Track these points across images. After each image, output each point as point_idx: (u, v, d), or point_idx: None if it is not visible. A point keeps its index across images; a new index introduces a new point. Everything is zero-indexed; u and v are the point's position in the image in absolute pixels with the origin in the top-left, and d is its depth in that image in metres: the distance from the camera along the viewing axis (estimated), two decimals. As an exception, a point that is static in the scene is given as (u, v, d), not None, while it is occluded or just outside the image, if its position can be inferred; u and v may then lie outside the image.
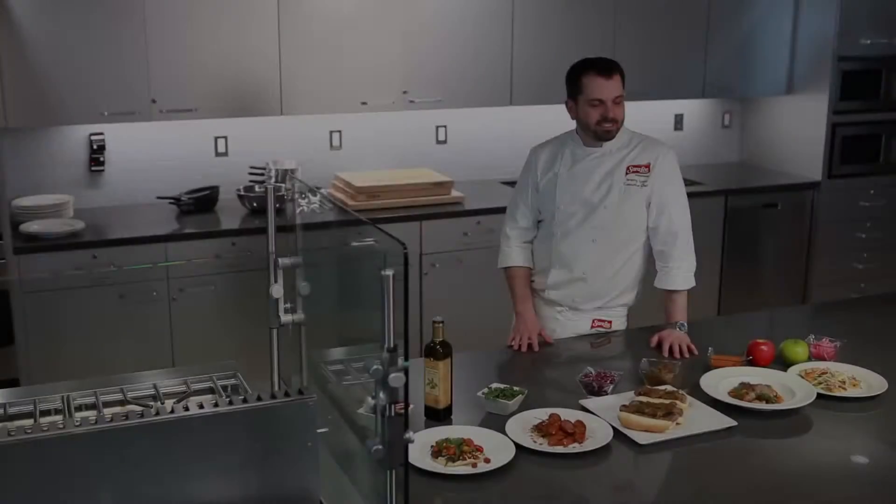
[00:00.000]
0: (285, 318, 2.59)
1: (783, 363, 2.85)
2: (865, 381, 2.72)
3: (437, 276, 4.80)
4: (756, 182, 5.64)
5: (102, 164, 4.69)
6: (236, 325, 4.34)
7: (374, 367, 1.70)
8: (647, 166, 3.07)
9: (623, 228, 3.09)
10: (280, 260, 2.61)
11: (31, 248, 4.09)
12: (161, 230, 4.36)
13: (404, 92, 4.88)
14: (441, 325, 2.48)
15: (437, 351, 2.46)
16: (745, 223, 5.50)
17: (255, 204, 4.67)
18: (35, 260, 4.10)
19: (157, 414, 1.82)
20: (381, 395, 1.73)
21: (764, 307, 5.40)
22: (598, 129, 3.02)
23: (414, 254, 4.76)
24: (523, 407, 2.54)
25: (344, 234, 2.44)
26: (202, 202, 4.66)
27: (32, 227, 4.19)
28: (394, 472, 1.77)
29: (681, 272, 3.10)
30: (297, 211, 2.51)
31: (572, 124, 3.17)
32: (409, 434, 1.76)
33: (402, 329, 1.74)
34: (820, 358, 2.90)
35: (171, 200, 4.64)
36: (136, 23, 4.32)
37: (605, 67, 2.97)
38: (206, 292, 4.38)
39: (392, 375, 1.70)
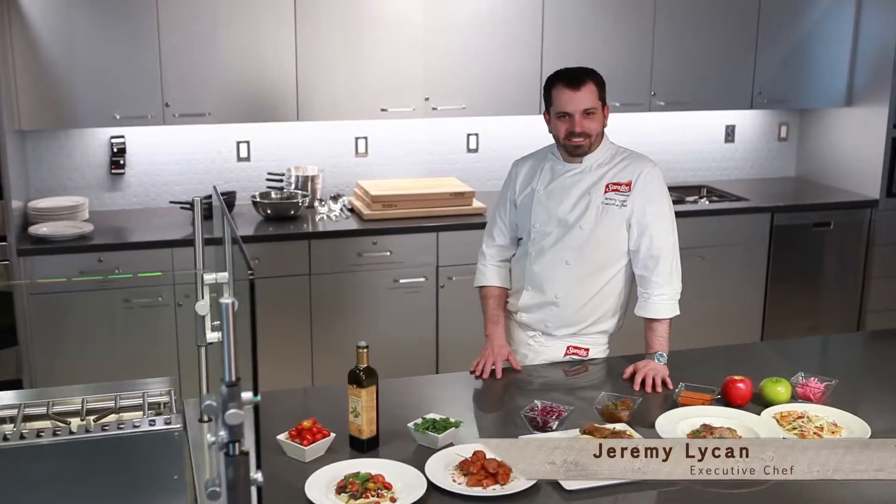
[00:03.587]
0: (211, 335, 2.50)
1: (762, 403, 2.60)
2: (849, 429, 2.45)
3: (453, 290, 4.63)
4: (808, 199, 5.29)
5: (123, 166, 4.70)
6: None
7: (207, 402, 1.57)
8: (628, 184, 2.84)
9: (599, 250, 2.87)
10: (204, 276, 2.52)
11: (36, 250, 4.11)
12: (170, 235, 4.33)
13: (426, 99, 4.74)
14: (365, 350, 2.33)
15: (361, 378, 2.31)
16: (794, 242, 5.16)
17: (269, 211, 4.60)
18: (41, 262, 4.12)
19: (5, 440, 1.75)
20: (222, 432, 1.60)
21: (813, 334, 5.07)
22: (567, 144, 2.82)
23: (430, 265, 4.62)
24: (458, 441, 2.38)
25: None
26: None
27: (42, 229, 4.21)
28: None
29: (661, 300, 2.85)
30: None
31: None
32: (258, 475, 1.62)
33: (251, 361, 1.61)
34: (806, 399, 2.62)
35: (184, 206, 4.61)
36: (150, 26, 4.29)
37: (573, 78, 2.77)
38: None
39: (229, 412, 1.57)
